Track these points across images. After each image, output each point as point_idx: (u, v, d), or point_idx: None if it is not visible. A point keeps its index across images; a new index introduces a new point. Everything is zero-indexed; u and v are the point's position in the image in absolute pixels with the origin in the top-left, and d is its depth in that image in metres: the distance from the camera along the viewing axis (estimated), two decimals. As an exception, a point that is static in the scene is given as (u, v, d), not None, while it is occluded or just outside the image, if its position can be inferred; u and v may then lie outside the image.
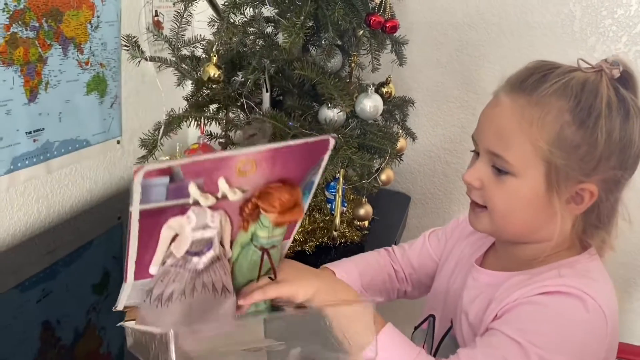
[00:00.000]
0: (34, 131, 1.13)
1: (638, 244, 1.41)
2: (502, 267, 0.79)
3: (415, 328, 0.94)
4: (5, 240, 1.13)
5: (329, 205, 1.18)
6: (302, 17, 0.96)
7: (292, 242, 1.12)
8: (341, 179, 1.03)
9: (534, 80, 0.70)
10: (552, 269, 0.73)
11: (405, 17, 1.47)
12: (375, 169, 1.16)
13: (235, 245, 0.67)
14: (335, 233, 1.12)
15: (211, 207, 0.62)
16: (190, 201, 0.59)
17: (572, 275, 0.71)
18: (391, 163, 1.17)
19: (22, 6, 1.04)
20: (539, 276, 0.72)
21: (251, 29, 1.16)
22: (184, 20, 1.19)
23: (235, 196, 0.61)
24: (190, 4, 1.16)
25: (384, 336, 0.68)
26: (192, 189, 0.58)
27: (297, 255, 1.13)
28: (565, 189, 0.70)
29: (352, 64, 1.14)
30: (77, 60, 1.21)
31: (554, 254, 0.75)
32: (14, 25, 1.03)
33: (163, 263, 0.63)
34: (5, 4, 1.01)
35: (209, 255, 0.64)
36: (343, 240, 1.20)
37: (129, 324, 0.76)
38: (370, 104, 1.05)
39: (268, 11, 1.09)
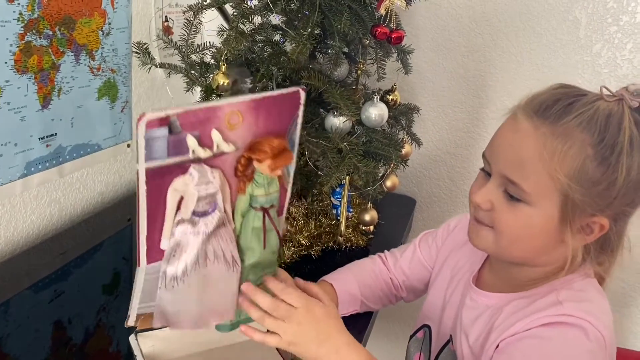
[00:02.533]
0: (47, 136, 1.16)
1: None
2: (499, 287, 0.80)
3: (411, 337, 0.95)
4: (19, 243, 1.16)
5: (334, 211, 1.19)
6: (309, 28, 0.98)
7: (298, 247, 1.16)
8: (347, 186, 1.04)
9: (559, 108, 0.68)
10: (549, 291, 0.74)
11: (411, 23, 1.49)
12: (381, 175, 1.18)
13: (237, 215, 0.71)
14: (340, 238, 1.14)
15: (209, 164, 0.66)
16: (190, 155, 0.63)
17: (570, 299, 0.71)
18: (396, 169, 1.19)
19: (36, 15, 1.07)
20: (537, 303, 0.73)
21: (259, 37, 1.18)
22: (193, 27, 1.22)
23: (229, 148, 0.65)
24: (199, 12, 1.18)
25: None
26: (190, 140, 0.62)
27: (304, 259, 1.15)
28: (577, 221, 0.70)
29: (359, 72, 1.15)
30: (88, 66, 1.24)
31: (552, 274, 0.76)
32: (28, 34, 1.06)
33: (172, 235, 0.66)
34: (20, 13, 1.03)
35: (215, 216, 0.68)
36: (349, 245, 1.22)
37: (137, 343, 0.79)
38: (376, 113, 1.06)
39: (276, 19, 1.11)
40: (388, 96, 1.17)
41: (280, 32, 1.16)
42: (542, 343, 0.69)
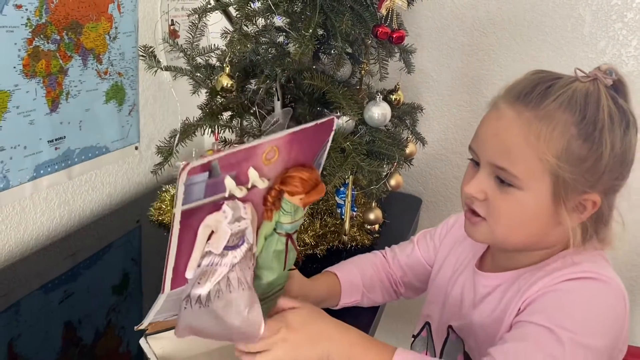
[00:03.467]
0: (56, 139, 1.18)
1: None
2: (505, 268, 0.81)
3: (414, 337, 0.96)
4: (29, 244, 1.18)
5: (339, 210, 1.20)
6: (311, 30, 0.99)
7: (303, 246, 1.17)
8: (350, 185, 1.05)
9: (538, 93, 0.70)
10: (560, 258, 0.75)
11: (414, 22, 1.50)
12: (385, 174, 1.18)
13: (260, 238, 0.71)
14: (345, 237, 1.15)
15: (242, 200, 0.65)
16: (227, 194, 0.63)
17: (586, 261, 0.73)
18: (400, 168, 1.19)
19: (43, 20, 1.09)
20: (553, 265, 0.74)
21: (263, 39, 1.19)
22: (198, 30, 1.24)
23: (263, 185, 0.65)
24: (204, 15, 1.19)
25: None
26: (228, 181, 0.62)
27: (309, 258, 1.15)
28: (570, 200, 0.71)
29: (362, 72, 1.16)
30: (96, 70, 1.26)
31: (556, 254, 0.77)
32: (36, 39, 1.08)
33: (199, 265, 0.66)
34: (28, 18, 1.05)
35: (243, 249, 0.67)
36: (354, 244, 1.23)
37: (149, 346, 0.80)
38: (379, 112, 1.07)
39: (279, 21, 1.12)
40: (391, 96, 1.17)
41: (284, 33, 1.18)
42: (564, 295, 0.70)
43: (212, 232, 0.65)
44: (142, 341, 0.80)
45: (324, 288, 0.96)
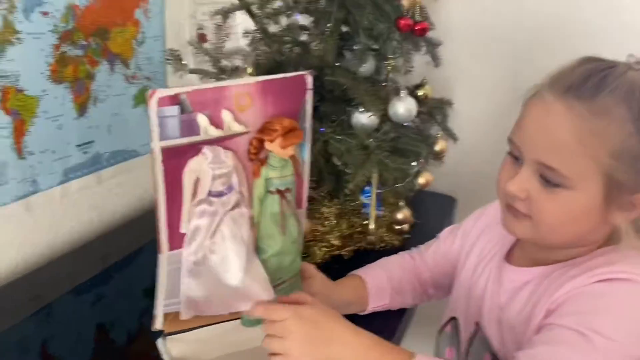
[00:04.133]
0: (84, 144, 1.20)
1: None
2: (535, 262, 0.76)
3: (439, 332, 0.92)
4: (61, 248, 1.20)
5: (365, 210, 1.17)
6: (330, 24, 0.97)
7: (329, 247, 1.14)
8: (374, 183, 1.02)
9: (592, 84, 0.65)
10: (596, 257, 0.70)
11: (445, 14, 1.44)
12: (414, 172, 1.15)
13: (255, 201, 0.74)
14: (371, 237, 1.12)
15: (222, 146, 0.69)
16: (202, 135, 0.67)
17: (623, 261, 0.68)
18: (428, 165, 1.16)
19: (70, 27, 1.11)
20: (587, 264, 0.69)
21: (287, 38, 1.18)
22: (223, 32, 1.23)
23: (240, 128, 0.69)
24: (228, 16, 1.19)
25: None
26: (201, 119, 0.66)
27: (335, 260, 1.13)
28: (622, 199, 0.67)
29: (389, 67, 1.13)
30: (123, 75, 1.27)
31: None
32: (63, 45, 1.10)
33: (191, 218, 0.69)
34: (55, 25, 1.07)
35: (232, 197, 0.71)
36: (382, 245, 1.19)
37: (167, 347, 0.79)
38: (404, 107, 1.04)
39: (301, 20, 1.10)
40: (418, 91, 1.14)
41: (308, 31, 1.16)
42: (596, 297, 0.65)
43: (198, 180, 0.68)
44: (159, 341, 0.80)
45: (349, 291, 0.93)
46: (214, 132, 0.67)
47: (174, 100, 0.64)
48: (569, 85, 0.66)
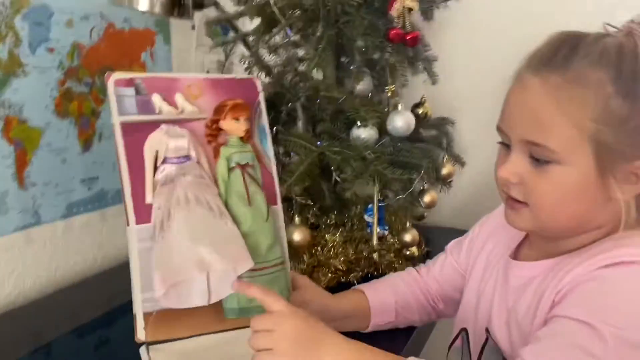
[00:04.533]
0: (89, 179, 1.21)
1: None
2: (543, 256, 0.72)
3: (449, 347, 0.85)
4: (62, 283, 1.18)
5: (368, 230, 1.13)
6: (323, 40, 0.98)
7: (335, 274, 1.09)
8: (375, 196, 0.99)
9: (563, 55, 0.64)
10: (603, 243, 0.66)
11: (447, 39, 1.44)
12: (419, 190, 1.12)
13: (220, 182, 0.78)
14: (375, 256, 1.07)
15: (178, 125, 0.76)
16: (157, 112, 0.74)
17: (631, 244, 0.63)
18: (434, 184, 1.13)
19: (76, 64, 1.15)
20: (591, 251, 0.65)
21: (286, 68, 1.20)
22: (225, 69, 1.27)
23: (193, 109, 0.76)
24: (231, 52, 1.23)
25: None
26: (156, 98, 0.74)
27: (341, 286, 1.08)
28: (619, 169, 0.63)
29: (389, 93, 1.13)
30: (130, 114, 1.30)
31: (606, 236, 0.67)
32: (68, 81, 1.14)
33: (154, 188, 0.74)
34: (60, 61, 1.11)
35: (191, 164, 0.76)
36: (392, 271, 1.14)
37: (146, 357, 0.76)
38: (402, 121, 1.03)
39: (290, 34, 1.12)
40: (418, 109, 1.13)
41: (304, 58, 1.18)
42: (603, 284, 0.61)
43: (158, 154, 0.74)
44: (142, 350, 0.75)
45: (349, 303, 0.88)
46: (168, 109, 0.74)
47: (130, 82, 0.73)
48: (541, 58, 0.66)
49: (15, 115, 1.03)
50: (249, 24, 1.17)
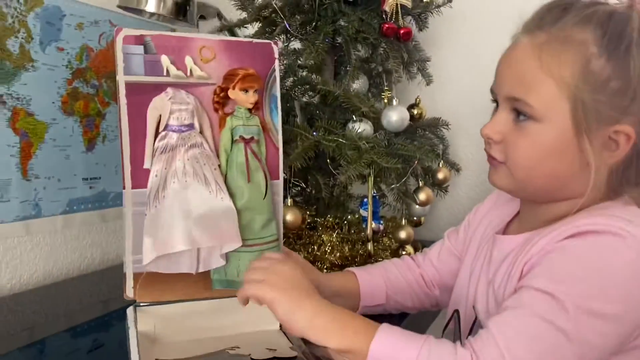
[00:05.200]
0: (91, 179, 1.23)
1: None
2: (525, 230, 0.72)
3: (443, 330, 0.84)
4: (58, 278, 1.18)
5: (363, 225, 1.14)
6: (321, 37, 1.02)
7: (331, 269, 1.09)
8: (369, 188, 1.01)
9: (553, 15, 0.65)
10: (580, 214, 0.65)
11: (451, 44, 1.48)
12: (414, 189, 1.13)
13: (221, 152, 0.77)
14: (369, 245, 1.07)
15: (186, 91, 0.74)
16: (165, 74, 0.72)
17: (603, 214, 0.63)
18: (429, 182, 1.14)
19: (84, 65, 1.20)
20: (564, 221, 0.65)
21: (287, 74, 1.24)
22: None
23: (202, 74, 0.73)
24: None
25: (379, 342, 0.62)
26: (164, 59, 0.72)
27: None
28: (597, 132, 0.63)
29: (385, 100, 1.16)
30: (134, 120, 1.34)
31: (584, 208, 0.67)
32: (75, 81, 1.18)
33: (153, 154, 0.72)
34: (69, 61, 1.16)
35: (192, 134, 0.75)
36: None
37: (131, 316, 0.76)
38: (397, 115, 1.05)
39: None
40: (412, 110, 1.16)
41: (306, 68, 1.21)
42: (569, 254, 0.60)
43: (161, 119, 0.73)
44: (129, 310, 0.75)
45: (338, 282, 0.88)
46: (176, 73, 0.72)
47: (139, 40, 0.70)
48: (533, 19, 0.68)
49: (23, 107, 1.07)
50: (251, 31, 1.22)
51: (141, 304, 0.77)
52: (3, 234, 1.05)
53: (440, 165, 1.23)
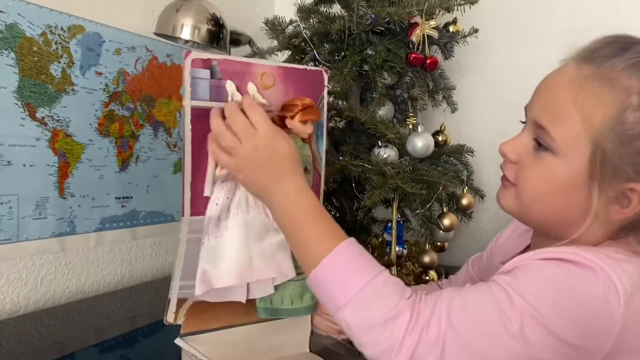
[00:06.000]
0: (123, 198, 1.27)
1: None
2: None
3: None
4: (89, 294, 1.22)
5: (387, 249, 1.15)
6: (349, 66, 1.05)
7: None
8: (394, 213, 1.02)
9: (608, 51, 0.62)
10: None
11: (476, 72, 1.50)
12: (438, 214, 1.15)
13: None
14: (392, 270, 1.08)
15: None
16: (229, 99, 0.71)
17: (591, 251, 0.61)
18: (453, 208, 1.15)
19: (120, 89, 1.25)
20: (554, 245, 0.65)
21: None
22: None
23: (263, 101, 0.72)
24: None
25: (334, 257, 0.63)
26: (229, 85, 0.71)
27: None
28: (610, 184, 0.61)
29: (410, 126, 1.19)
30: (165, 142, 1.38)
31: None
32: (112, 103, 1.23)
33: (214, 183, 0.71)
34: (106, 85, 1.21)
35: None
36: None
37: (188, 347, 0.77)
38: (422, 142, 1.07)
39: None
40: (437, 136, 1.18)
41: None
42: (538, 270, 0.60)
43: None
44: (179, 341, 0.77)
45: None
46: (240, 98, 0.71)
47: (206, 64, 0.69)
48: (587, 50, 0.65)
49: (63, 128, 1.12)
50: (281, 58, 1.26)
51: (187, 334, 0.77)
52: (39, 250, 1.09)
53: (465, 192, 1.25)
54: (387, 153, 1.06)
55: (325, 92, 0.80)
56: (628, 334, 0.57)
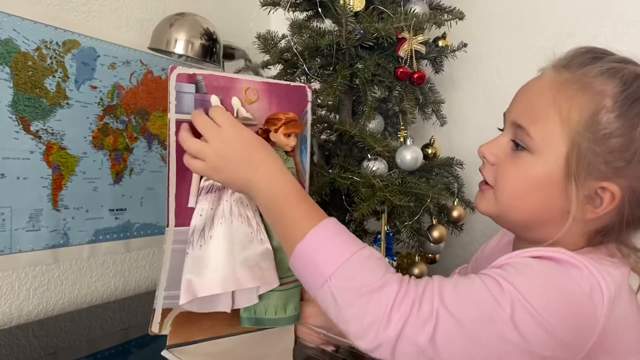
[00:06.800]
0: (117, 210, 1.28)
1: None
2: None
3: None
4: (81, 306, 1.23)
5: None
6: (339, 79, 1.07)
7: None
8: (383, 225, 1.03)
9: (583, 59, 0.67)
10: None
11: (466, 85, 1.51)
12: (428, 226, 1.16)
13: None
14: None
15: None
16: None
17: (577, 253, 0.64)
18: (443, 220, 1.16)
19: (114, 102, 1.26)
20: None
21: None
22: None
23: (247, 115, 0.74)
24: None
25: (319, 231, 0.64)
26: (214, 99, 0.72)
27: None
28: (584, 182, 0.64)
29: (401, 139, 1.20)
30: (160, 154, 1.40)
31: None
32: (106, 117, 1.25)
33: (199, 193, 0.72)
34: (101, 98, 1.23)
35: None
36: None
37: (175, 358, 0.78)
38: (410, 155, 1.09)
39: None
40: (427, 149, 1.19)
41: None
42: (527, 267, 0.62)
43: None
44: (165, 353, 0.77)
45: None
46: None
47: (191, 79, 0.71)
48: (565, 58, 0.69)
49: (57, 142, 1.14)
50: (274, 72, 1.28)
51: (173, 346, 0.78)
52: (33, 261, 1.10)
53: (455, 204, 1.26)
54: (376, 166, 1.07)
55: (308, 107, 0.82)
56: (608, 335, 0.59)
